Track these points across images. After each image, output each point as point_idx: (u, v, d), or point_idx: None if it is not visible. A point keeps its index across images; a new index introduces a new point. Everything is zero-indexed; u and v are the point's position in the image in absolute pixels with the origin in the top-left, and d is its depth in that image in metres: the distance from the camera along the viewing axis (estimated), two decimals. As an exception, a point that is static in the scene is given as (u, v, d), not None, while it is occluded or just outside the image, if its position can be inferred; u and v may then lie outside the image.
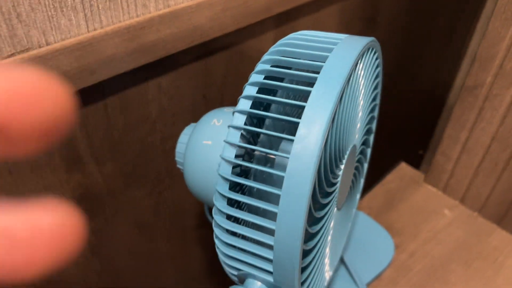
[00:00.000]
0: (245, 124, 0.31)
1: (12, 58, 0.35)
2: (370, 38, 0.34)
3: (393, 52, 0.88)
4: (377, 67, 0.39)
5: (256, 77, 0.32)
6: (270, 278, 0.31)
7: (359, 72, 0.34)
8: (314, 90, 0.29)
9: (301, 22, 0.61)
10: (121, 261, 0.58)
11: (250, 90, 0.31)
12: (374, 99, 0.43)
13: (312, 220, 0.33)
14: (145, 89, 0.48)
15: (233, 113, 0.31)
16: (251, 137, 0.34)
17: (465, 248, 0.59)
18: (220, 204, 0.31)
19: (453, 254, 0.58)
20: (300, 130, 0.28)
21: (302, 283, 0.33)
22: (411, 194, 0.67)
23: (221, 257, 0.33)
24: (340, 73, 0.29)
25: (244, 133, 0.31)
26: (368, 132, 0.45)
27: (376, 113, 0.46)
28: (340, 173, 0.35)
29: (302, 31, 0.36)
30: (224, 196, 0.31)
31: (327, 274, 0.42)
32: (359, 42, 0.32)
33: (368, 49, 0.35)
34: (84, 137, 0.45)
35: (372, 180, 0.70)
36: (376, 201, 0.66)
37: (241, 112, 0.31)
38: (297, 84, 0.32)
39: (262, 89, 0.32)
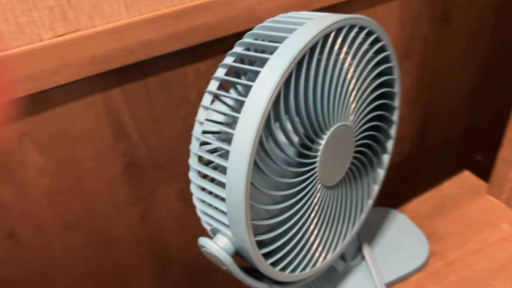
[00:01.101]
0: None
1: (64, 36, 0.44)
2: (350, 15, 0.35)
3: (477, 55, 0.81)
4: (374, 47, 0.39)
5: (227, 59, 0.35)
6: (229, 232, 0.34)
7: (335, 48, 0.35)
8: (270, 59, 0.31)
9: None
10: (168, 231, 0.65)
11: (219, 72, 0.35)
12: (382, 85, 0.43)
13: (287, 188, 0.35)
14: (184, 72, 0.54)
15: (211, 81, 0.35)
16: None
17: (518, 266, 0.53)
18: (192, 161, 0.35)
19: (501, 270, 0.52)
20: (251, 92, 0.31)
21: (272, 253, 0.35)
22: (468, 203, 0.62)
23: (197, 212, 0.37)
24: (299, 44, 0.31)
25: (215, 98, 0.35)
26: (379, 119, 0.45)
27: (395, 102, 0.45)
28: (320, 147, 0.36)
29: (287, 14, 0.38)
30: (195, 154, 0.35)
31: (320, 255, 0.42)
32: (330, 18, 0.33)
33: (352, 27, 0.36)
34: (127, 109, 0.52)
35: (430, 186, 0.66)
36: (424, 205, 0.62)
37: (216, 78, 0.35)
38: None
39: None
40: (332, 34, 0.34)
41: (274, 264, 0.37)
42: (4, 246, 0.53)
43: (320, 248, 0.42)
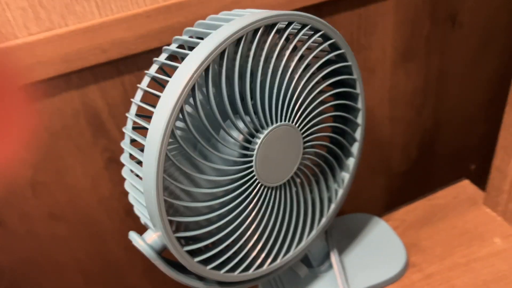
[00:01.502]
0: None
1: (37, 35, 0.47)
2: (286, 12, 0.34)
3: (492, 59, 0.76)
4: (322, 45, 0.38)
5: (162, 56, 0.36)
6: (149, 223, 0.34)
7: (265, 45, 0.34)
8: (188, 55, 0.31)
9: (340, 18, 0.60)
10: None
11: (152, 68, 0.36)
12: (341, 85, 0.42)
13: (225, 185, 0.35)
14: (161, 71, 0.55)
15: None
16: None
17: (502, 285, 0.49)
18: (123, 157, 0.36)
19: (483, 287, 0.49)
20: (166, 88, 0.31)
21: (204, 251, 0.35)
22: (459, 214, 0.58)
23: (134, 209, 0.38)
24: (216, 40, 0.31)
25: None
26: (343, 121, 0.43)
27: (358, 104, 0.44)
28: (256, 146, 0.36)
29: (231, 11, 0.38)
30: (126, 150, 0.36)
31: (267, 258, 0.41)
32: (259, 15, 0.33)
33: (289, 24, 0.35)
34: (105, 106, 0.54)
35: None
36: (413, 214, 0.59)
37: (148, 74, 0.35)
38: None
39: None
40: (260, 30, 0.33)
41: (205, 262, 0.37)
42: (-7, 232, 0.56)
43: (266, 250, 0.41)
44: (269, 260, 0.42)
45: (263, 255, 0.41)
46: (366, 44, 0.63)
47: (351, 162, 0.46)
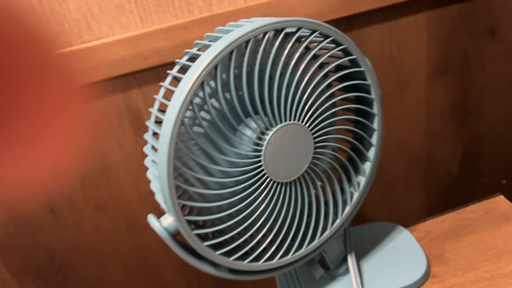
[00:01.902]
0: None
1: (88, 43, 0.53)
2: (292, 18, 0.37)
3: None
4: (332, 50, 0.40)
5: (184, 58, 0.40)
6: (165, 207, 0.38)
7: (273, 48, 0.37)
8: (200, 56, 0.35)
9: (371, 30, 0.61)
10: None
11: (174, 69, 0.40)
12: (355, 90, 0.44)
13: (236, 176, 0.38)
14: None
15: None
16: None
17: (528, 301, 0.47)
18: (146, 148, 0.40)
19: (506, 303, 0.47)
20: (179, 84, 0.35)
21: (214, 237, 0.38)
22: (489, 230, 0.56)
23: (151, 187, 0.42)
24: (223, 43, 0.35)
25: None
26: (359, 126, 0.45)
27: (374, 109, 0.45)
28: (264, 143, 0.39)
29: (250, 19, 0.41)
30: (148, 141, 0.40)
31: (278, 252, 0.44)
32: (266, 21, 0.36)
33: (298, 30, 0.38)
34: (146, 108, 0.59)
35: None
36: (440, 226, 0.58)
37: (170, 74, 0.40)
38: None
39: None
40: (269, 35, 0.36)
41: (215, 248, 0.40)
42: (47, 219, 0.63)
43: (276, 244, 0.43)
44: (280, 254, 0.44)
45: (273, 248, 0.43)
46: (399, 57, 0.64)
47: (367, 166, 0.47)
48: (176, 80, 0.42)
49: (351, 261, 0.51)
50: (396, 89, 0.66)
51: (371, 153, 0.47)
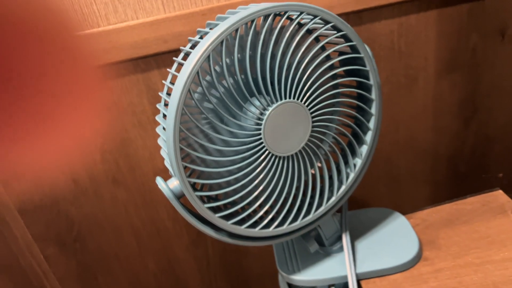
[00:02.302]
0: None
1: (114, 25, 0.58)
2: (288, 2, 0.40)
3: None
4: (331, 35, 0.44)
5: (188, 45, 0.44)
6: (171, 171, 0.42)
7: (272, 29, 0.41)
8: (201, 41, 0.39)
9: (381, 25, 0.64)
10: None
11: (180, 56, 0.44)
12: (352, 72, 0.47)
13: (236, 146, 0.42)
14: (213, 63, 0.63)
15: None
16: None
17: (513, 287, 0.49)
18: (158, 116, 0.44)
19: (491, 287, 0.49)
20: (188, 58, 0.39)
21: (216, 201, 0.42)
22: (484, 220, 0.58)
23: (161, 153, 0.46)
24: (219, 29, 0.38)
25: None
26: (358, 110, 0.48)
27: (372, 95, 0.48)
28: (264, 117, 0.42)
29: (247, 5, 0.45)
30: (162, 98, 0.44)
31: (273, 221, 0.47)
32: (271, 3, 0.40)
33: (300, 13, 0.41)
34: (164, 90, 0.64)
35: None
36: (436, 215, 0.60)
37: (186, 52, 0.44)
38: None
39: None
40: (271, 16, 0.40)
41: (215, 210, 0.44)
42: (69, 188, 0.68)
43: (272, 213, 0.47)
44: (275, 224, 0.47)
45: (269, 217, 0.47)
46: (408, 52, 0.67)
47: (364, 149, 0.50)
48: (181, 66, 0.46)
49: (345, 239, 0.54)
50: (404, 83, 0.69)
51: (368, 137, 0.50)
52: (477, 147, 0.79)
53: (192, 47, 0.44)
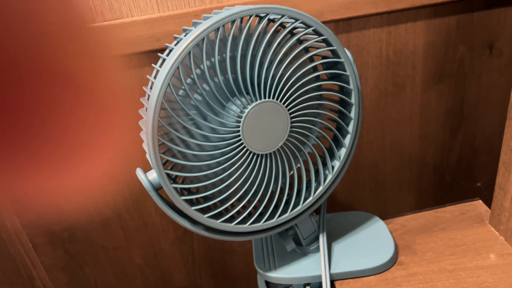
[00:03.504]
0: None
1: (109, 22, 0.60)
2: (267, 5, 0.42)
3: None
4: (311, 40, 0.45)
5: (174, 42, 0.46)
6: (151, 162, 0.44)
7: (255, 31, 0.42)
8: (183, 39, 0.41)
9: (370, 33, 0.65)
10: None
11: (165, 52, 0.45)
12: (335, 77, 0.48)
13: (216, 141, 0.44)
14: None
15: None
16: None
17: (483, 293, 0.50)
18: (143, 98, 0.46)
19: (462, 293, 0.50)
20: (170, 53, 0.40)
21: (194, 193, 0.44)
22: (462, 229, 0.59)
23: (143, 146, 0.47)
24: (200, 29, 0.40)
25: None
26: (340, 114, 0.49)
27: (352, 99, 0.50)
28: (243, 115, 0.44)
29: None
30: (147, 92, 0.46)
31: (250, 217, 0.48)
32: (254, 5, 0.41)
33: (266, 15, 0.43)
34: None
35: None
36: (415, 222, 0.62)
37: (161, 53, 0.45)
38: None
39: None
40: (251, 18, 0.42)
41: (191, 203, 0.45)
42: (59, 178, 0.70)
43: (248, 209, 0.48)
44: (252, 220, 0.49)
45: (246, 213, 0.48)
46: (396, 60, 0.68)
47: (342, 152, 0.52)
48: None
49: (322, 240, 0.55)
50: (392, 91, 0.70)
51: (347, 140, 0.51)
52: (463, 157, 0.80)
53: (177, 44, 0.46)
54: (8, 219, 0.72)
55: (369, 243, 0.57)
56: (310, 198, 0.51)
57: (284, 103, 0.45)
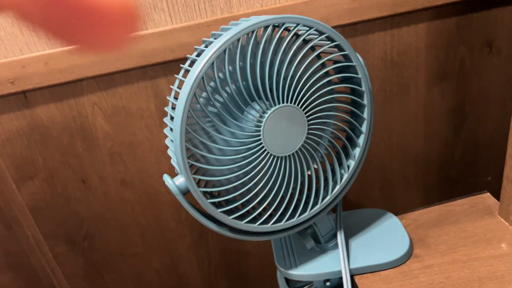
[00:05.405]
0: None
1: (125, 35, 0.62)
2: (288, 15, 0.44)
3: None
4: (325, 45, 0.48)
5: (194, 53, 0.48)
6: (177, 168, 0.46)
7: (272, 40, 0.45)
8: (205, 51, 0.43)
9: (374, 37, 0.68)
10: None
11: (186, 63, 0.48)
12: (347, 80, 0.51)
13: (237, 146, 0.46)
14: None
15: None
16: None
17: (497, 282, 0.52)
18: (166, 119, 0.48)
19: (476, 282, 0.53)
20: (194, 64, 0.43)
21: (218, 197, 0.46)
22: (473, 221, 0.62)
23: (168, 152, 0.49)
24: (222, 40, 0.42)
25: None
26: (352, 115, 0.52)
27: (364, 100, 0.52)
28: (263, 120, 0.46)
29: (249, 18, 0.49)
30: (168, 112, 0.48)
31: (271, 218, 0.51)
32: (270, 16, 0.44)
33: (280, 25, 0.45)
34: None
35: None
36: (427, 216, 0.64)
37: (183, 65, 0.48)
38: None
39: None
40: (270, 28, 0.44)
41: (217, 206, 0.47)
42: (78, 188, 0.72)
43: (270, 210, 0.50)
44: (273, 220, 0.51)
45: (267, 214, 0.50)
46: (400, 62, 0.71)
47: (357, 151, 0.54)
48: (187, 72, 0.50)
49: (340, 237, 0.58)
50: (397, 92, 0.73)
51: (361, 140, 0.54)
52: (467, 153, 0.82)
53: (198, 55, 0.48)
54: (29, 229, 0.73)
55: (385, 238, 0.59)
56: (328, 197, 0.54)
57: (301, 107, 0.48)
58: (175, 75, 0.50)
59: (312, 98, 0.48)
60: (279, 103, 0.46)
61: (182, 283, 0.85)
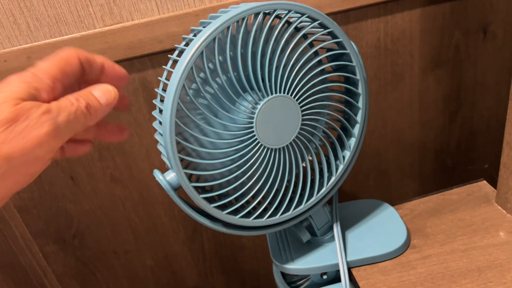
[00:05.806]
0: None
1: (110, 26, 0.60)
2: (275, 1, 0.43)
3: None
4: (318, 33, 0.46)
5: (182, 43, 0.46)
6: (168, 163, 0.44)
7: (262, 27, 0.43)
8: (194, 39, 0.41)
9: (367, 24, 0.67)
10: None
11: (175, 53, 0.46)
12: (340, 68, 0.49)
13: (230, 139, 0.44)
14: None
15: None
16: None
17: (496, 271, 0.51)
18: (155, 112, 0.47)
19: (475, 272, 0.52)
20: (183, 53, 0.41)
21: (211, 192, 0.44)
22: (470, 209, 0.61)
23: (158, 147, 0.48)
24: (209, 30, 0.40)
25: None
26: (347, 104, 0.50)
27: (358, 89, 0.50)
28: (256, 111, 0.44)
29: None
30: (157, 106, 0.46)
31: (266, 211, 0.49)
32: (260, 2, 0.42)
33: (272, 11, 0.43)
34: (159, 88, 0.66)
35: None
36: (423, 206, 0.63)
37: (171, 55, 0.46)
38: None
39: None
40: (260, 15, 0.42)
41: (210, 201, 0.46)
42: (67, 185, 0.70)
43: (265, 204, 0.49)
44: (268, 214, 0.49)
45: (262, 208, 0.49)
46: (393, 49, 0.69)
47: (352, 141, 0.53)
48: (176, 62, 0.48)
49: (336, 229, 0.56)
50: (391, 79, 0.71)
51: (356, 130, 0.52)
52: (462, 141, 0.81)
53: (186, 44, 0.46)
54: (17, 229, 0.71)
55: (382, 229, 0.58)
56: (324, 189, 0.52)
57: (294, 97, 0.46)
58: (163, 66, 0.48)
59: (306, 87, 0.47)
60: (271, 94, 0.45)
61: (177, 279, 0.83)
